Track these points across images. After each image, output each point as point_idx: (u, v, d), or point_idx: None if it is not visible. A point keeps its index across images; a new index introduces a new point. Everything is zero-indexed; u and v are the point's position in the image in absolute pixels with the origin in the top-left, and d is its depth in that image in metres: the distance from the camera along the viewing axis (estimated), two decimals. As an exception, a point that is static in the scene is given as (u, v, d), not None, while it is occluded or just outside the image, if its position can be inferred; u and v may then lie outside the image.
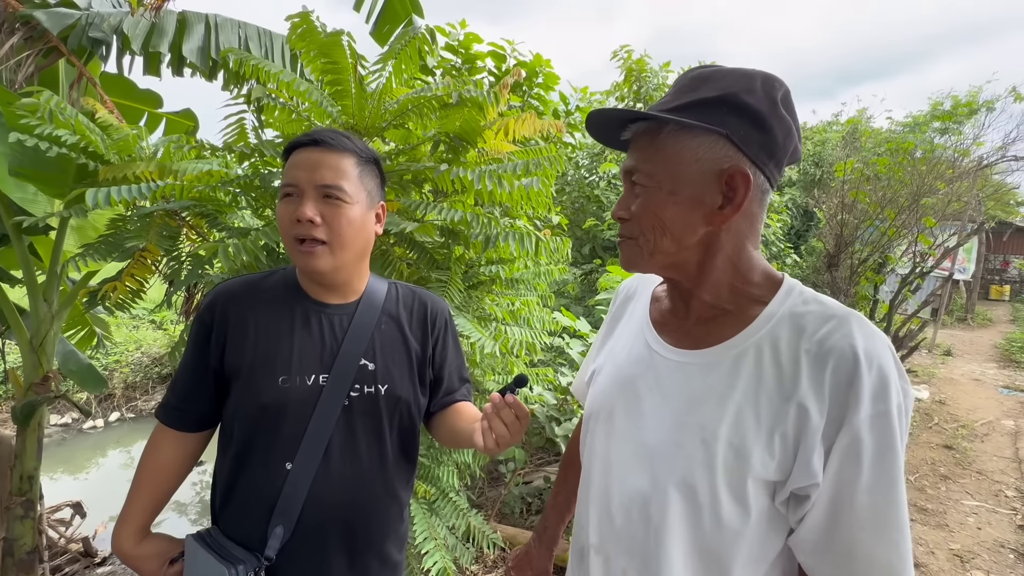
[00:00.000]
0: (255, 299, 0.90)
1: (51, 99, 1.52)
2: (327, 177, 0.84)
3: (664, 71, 6.26)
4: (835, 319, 0.61)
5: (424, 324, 0.99)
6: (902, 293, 4.42)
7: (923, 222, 4.17)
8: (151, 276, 1.80)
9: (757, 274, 0.68)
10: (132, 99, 2.76)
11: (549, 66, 3.87)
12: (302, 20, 1.32)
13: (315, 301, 0.92)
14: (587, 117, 0.69)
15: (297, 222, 0.82)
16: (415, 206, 1.60)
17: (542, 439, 2.41)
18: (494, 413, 0.76)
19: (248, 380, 0.86)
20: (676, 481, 0.64)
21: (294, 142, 0.88)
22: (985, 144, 5.40)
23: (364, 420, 0.89)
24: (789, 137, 0.64)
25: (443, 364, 1.01)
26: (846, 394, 0.57)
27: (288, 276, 0.94)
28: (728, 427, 0.62)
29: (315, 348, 0.88)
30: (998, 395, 5.78)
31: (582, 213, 5.55)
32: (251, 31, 2.49)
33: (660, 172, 0.64)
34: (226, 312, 0.89)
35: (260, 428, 0.86)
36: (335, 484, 0.86)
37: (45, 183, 1.89)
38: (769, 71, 0.67)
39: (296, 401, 0.85)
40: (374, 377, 0.90)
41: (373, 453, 0.90)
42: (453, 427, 0.97)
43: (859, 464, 0.57)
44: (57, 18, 2.04)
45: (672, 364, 0.70)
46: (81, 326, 2.83)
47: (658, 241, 0.66)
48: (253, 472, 0.86)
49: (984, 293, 14.43)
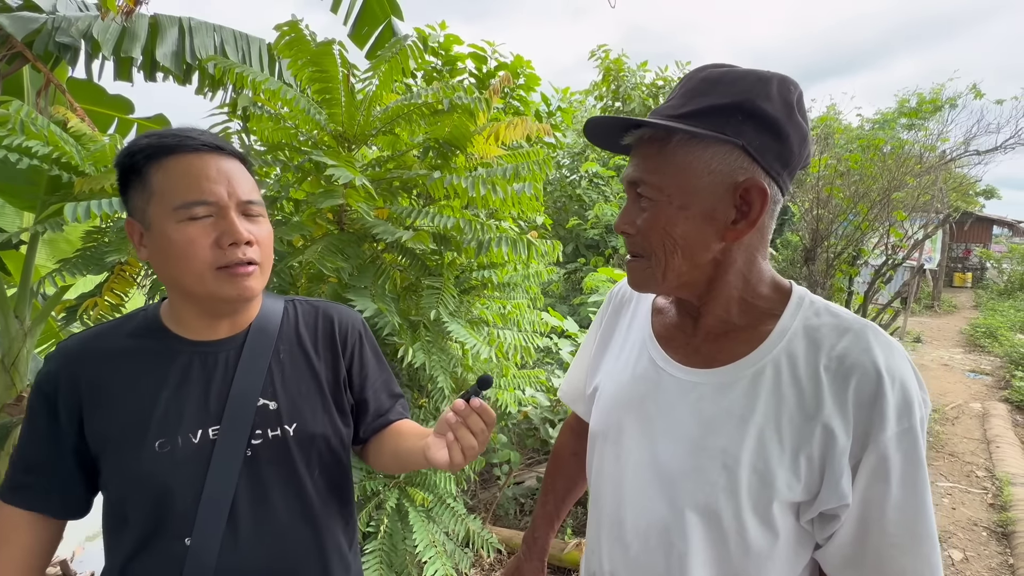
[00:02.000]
0: (108, 354, 0.74)
1: (21, 109, 1.45)
2: (246, 190, 0.72)
3: (642, 70, 6.34)
4: (851, 332, 0.59)
5: (332, 343, 0.85)
6: (875, 284, 4.58)
7: (894, 215, 4.32)
8: (131, 289, 1.75)
9: (766, 286, 0.66)
10: (102, 105, 2.67)
11: (530, 67, 3.88)
12: (291, 28, 1.29)
13: (192, 342, 0.76)
14: (586, 123, 0.65)
15: (230, 246, 0.69)
16: (404, 213, 1.59)
17: (537, 440, 2.42)
18: (459, 422, 0.66)
19: (117, 453, 0.71)
20: (698, 507, 0.62)
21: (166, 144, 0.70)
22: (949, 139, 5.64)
23: (273, 469, 0.75)
24: (804, 144, 0.61)
25: (364, 384, 0.87)
26: (870, 412, 0.56)
27: (150, 319, 0.78)
28: (750, 451, 0.59)
29: (197, 397, 0.73)
30: (965, 379, 6.03)
31: (564, 212, 5.59)
32: (227, 35, 2.43)
33: (670, 184, 0.60)
34: (74, 378, 0.72)
35: (142, 505, 0.71)
36: (249, 550, 0.73)
37: (14, 195, 1.82)
38: (782, 72, 0.61)
39: (182, 465, 0.71)
40: (278, 417, 0.76)
41: (292, 504, 0.77)
42: (396, 450, 0.84)
43: (887, 482, 0.55)
44: (21, 23, 1.95)
45: (683, 384, 0.66)
46: (54, 341, 2.73)
47: (670, 260, 0.62)
48: (145, 558, 0.72)
49: (948, 280, 15.02)
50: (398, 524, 1.76)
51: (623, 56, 6.27)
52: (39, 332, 2.15)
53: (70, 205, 1.30)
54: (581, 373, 0.89)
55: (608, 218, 4.90)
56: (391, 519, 1.73)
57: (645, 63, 6.39)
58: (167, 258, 0.70)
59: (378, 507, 1.76)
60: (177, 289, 0.74)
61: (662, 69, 6.35)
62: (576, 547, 2.29)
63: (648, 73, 6.40)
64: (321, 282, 1.63)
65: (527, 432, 2.48)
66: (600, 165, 5.58)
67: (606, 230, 5.02)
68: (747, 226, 0.60)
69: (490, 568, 2.41)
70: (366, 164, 1.73)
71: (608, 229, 5.01)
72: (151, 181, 0.70)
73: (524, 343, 1.86)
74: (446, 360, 1.70)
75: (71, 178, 1.62)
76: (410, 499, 1.78)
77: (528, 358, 1.88)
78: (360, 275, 1.56)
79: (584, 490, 0.97)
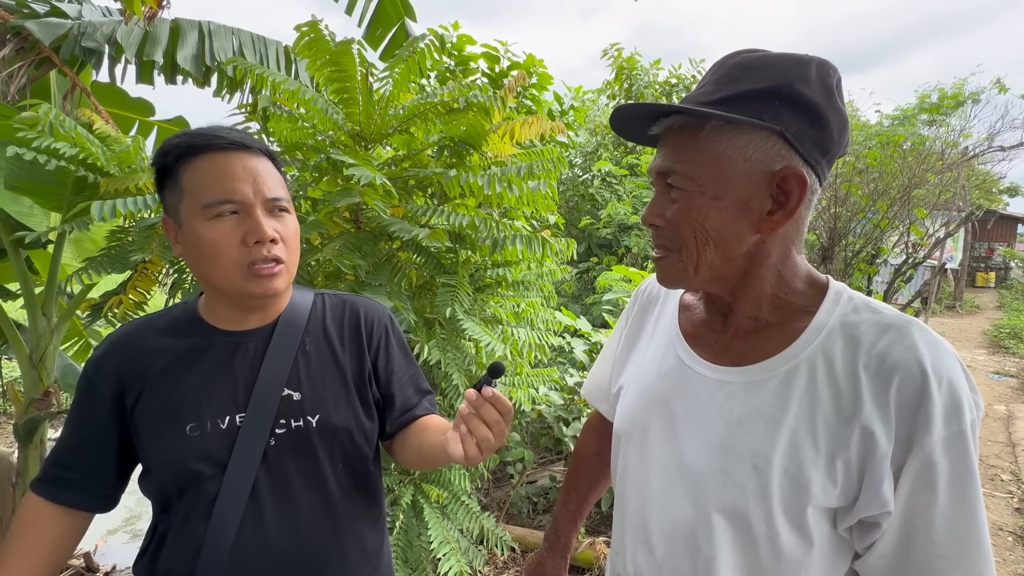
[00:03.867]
0: (149, 345, 0.78)
1: (50, 112, 1.50)
2: (273, 188, 0.74)
3: (655, 68, 6.30)
4: (893, 329, 0.56)
5: (358, 336, 0.86)
6: (895, 283, 4.49)
7: (914, 213, 4.23)
8: (154, 287, 1.78)
9: (800, 280, 0.62)
10: (124, 108, 2.73)
11: (543, 66, 3.88)
12: (311, 29, 1.31)
13: (224, 332, 0.79)
14: (614, 111, 0.61)
15: (256, 244, 0.71)
16: (420, 211, 1.60)
17: (550, 439, 2.42)
18: (472, 413, 0.64)
19: (155, 436, 0.74)
20: (725, 510, 0.59)
21: (195, 143, 0.72)
22: (972, 136, 5.50)
23: (296, 459, 0.77)
24: (844, 131, 0.58)
25: (390, 378, 0.87)
26: (914, 414, 0.52)
27: (188, 310, 0.81)
28: (782, 453, 0.56)
29: (227, 385, 0.76)
30: (989, 380, 5.88)
31: (577, 211, 5.58)
32: (244, 37, 2.47)
33: (703, 174, 0.57)
34: (118, 366, 0.76)
35: (173, 486, 0.74)
36: (266, 538, 0.74)
37: (42, 196, 1.86)
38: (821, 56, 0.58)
39: (210, 449, 0.73)
40: (301, 408, 0.77)
41: (313, 496, 0.77)
42: (420, 446, 0.83)
43: (934, 490, 0.52)
44: (49, 28, 2.01)
45: (710, 382, 0.63)
46: (78, 338, 2.80)
47: (702, 254, 0.59)
48: (173, 537, 0.75)
49: (971, 280, 14.68)
50: (413, 520, 1.77)
51: (636, 54, 6.24)
52: (65, 329, 2.21)
53: (96, 204, 1.34)
54: (605, 371, 0.87)
55: (621, 217, 4.88)
56: (406, 515, 1.75)
57: (658, 61, 6.35)
58: (198, 255, 0.72)
59: (393, 503, 1.78)
60: (208, 284, 0.77)
61: (675, 67, 6.31)
62: (590, 546, 2.28)
63: (661, 71, 6.37)
64: (338, 280, 1.65)
65: (541, 431, 2.48)
66: (613, 164, 5.56)
67: (619, 229, 5.00)
68: (784, 217, 0.57)
69: (503, 566, 2.41)
70: (382, 163, 1.75)
71: (621, 228, 4.99)
72: (181, 180, 0.72)
73: (538, 341, 1.86)
74: (460, 358, 1.71)
75: (96, 179, 1.67)
76: (425, 496, 1.79)
77: (543, 356, 1.88)
78: (376, 273, 1.58)
79: (606, 489, 0.96)
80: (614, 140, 6.22)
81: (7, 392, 2.14)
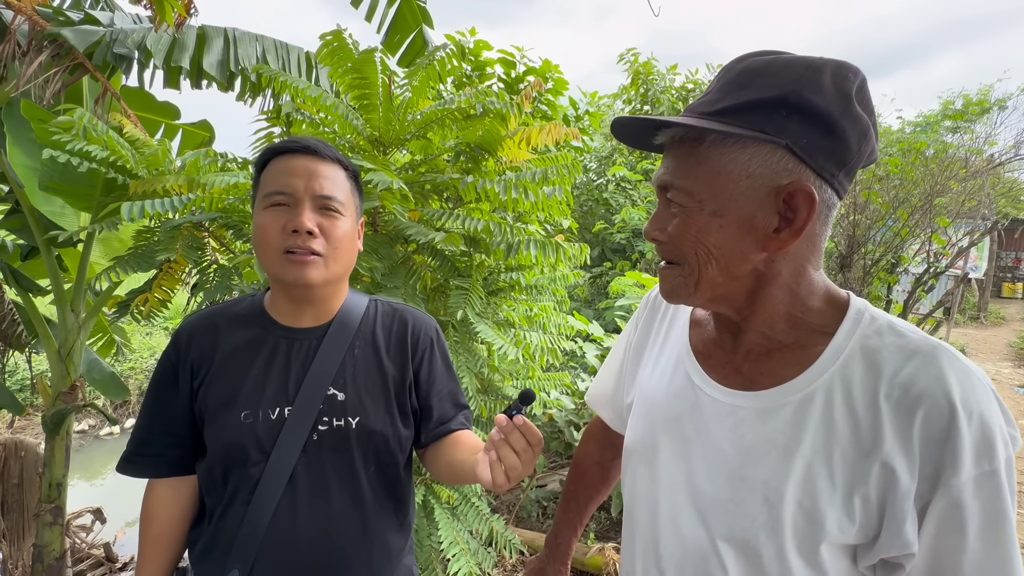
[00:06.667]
0: (218, 331, 0.83)
1: (84, 116, 1.56)
2: (325, 187, 0.78)
3: (671, 73, 6.27)
4: (919, 355, 0.51)
5: (404, 345, 0.89)
6: (916, 293, 4.40)
7: (936, 222, 4.15)
8: (178, 287, 1.84)
9: (818, 299, 0.58)
10: (151, 112, 2.81)
11: (558, 71, 3.90)
12: (335, 38, 1.35)
13: (283, 327, 0.84)
14: (612, 123, 0.60)
15: (292, 232, 0.76)
16: (435, 215, 1.63)
17: (561, 443, 2.43)
18: (502, 439, 0.64)
19: (213, 418, 0.80)
20: (734, 540, 0.56)
21: (278, 147, 0.81)
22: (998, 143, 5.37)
23: (334, 456, 0.80)
24: (866, 140, 0.53)
25: (430, 390, 0.90)
26: (940, 451, 0.48)
27: (256, 303, 0.87)
28: (796, 486, 0.53)
29: (281, 378, 0.81)
30: (1014, 394, 5.71)
31: (591, 216, 5.57)
32: (268, 44, 2.54)
33: (701, 189, 0.54)
34: (190, 348, 0.82)
35: (223, 467, 0.79)
36: (298, 526, 0.78)
37: (74, 197, 1.93)
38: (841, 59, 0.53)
39: (259, 437, 0.78)
40: (344, 408, 0.81)
41: (345, 493, 0.81)
42: (451, 461, 0.85)
43: (963, 534, 0.48)
44: (83, 35, 2.09)
45: (721, 406, 0.60)
46: (102, 334, 2.89)
47: (704, 271, 0.56)
48: (217, 514, 0.81)
49: (996, 291, 14.26)
50: (424, 520, 1.79)
51: (652, 59, 6.22)
52: (92, 325, 2.29)
53: (126, 205, 1.39)
54: (610, 378, 0.86)
55: (635, 222, 4.87)
56: (417, 515, 1.77)
57: (675, 66, 6.33)
58: (254, 241, 0.80)
59: (405, 503, 1.80)
60: (264, 272, 0.84)
61: (692, 72, 6.27)
62: (599, 551, 2.28)
63: (678, 76, 6.34)
64: (355, 281, 1.68)
65: (551, 435, 2.49)
66: (628, 169, 5.54)
67: (633, 234, 4.98)
68: (791, 235, 0.53)
69: (512, 569, 2.42)
70: (399, 168, 1.78)
71: (635, 233, 4.97)
72: (261, 177, 0.81)
73: (550, 345, 1.87)
74: (472, 361, 1.73)
75: (125, 180, 1.73)
76: (436, 496, 1.81)
77: (555, 360, 1.89)
78: (392, 275, 1.61)
79: (606, 497, 0.95)
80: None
81: (36, 385, 2.22)
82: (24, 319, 2.37)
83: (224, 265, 1.70)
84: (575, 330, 2.56)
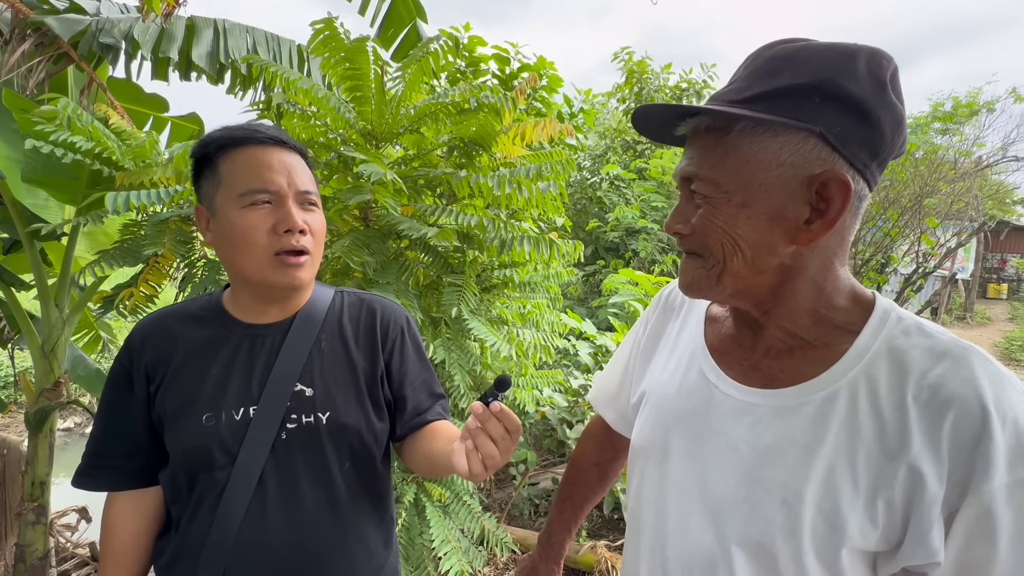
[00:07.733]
0: (174, 332, 0.80)
1: (68, 106, 1.52)
2: (304, 181, 0.77)
3: (665, 72, 6.29)
4: (949, 357, 0.50)
5: (373, 335, 0.85)
6: (905, 293, 4.45)
7: (925, 222, 4.20)
8: (165, 281, 1.80)
9: (843, 296, 0.56)
10: (139, 103, 2.76)
11: (553, 68, 3.89)
12: (326, 26, 1.33)
13: (244, 324, 0.80)
14: (635, 111, 0.57)
15: (285, 233, 0.73)
16: (428, 211, 1.61)
17: (554, 441, 2.42)
18: (479, 428, 0.61)
19: (173, 423, 0.76)
20: (749, 544, 0.54)
21: (234, 136, 0.75)
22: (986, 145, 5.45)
23: (304, 455, 0.77)
24: (899, 129, 0.51)
25: (403, 380, 0.87)
26: (971, 455, 0.46)
27: (213, 301, 0.83)
28: (816, 488, 0.51)
29: (244, 377, 0.77)
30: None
31: (584, 214, 5.58)
32: (259, 36, 2.50)
33: (729, 180, 0.52)
34: (144, 352, 0.78)
35: (187, 474, 0.76)
36: (270, 530, 0.75)
37: (58, 189, 1.89)
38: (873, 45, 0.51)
39: (223, 439, 0.74)
40: (312, 404, 0.78)
41: (319, 492, 0.78)
42: (428, 452, 0.82)
43: (993, 543, 0.46)
44: (68, 24, 2.04)
45: (737, 404, 0.58)
46: (88, 330, 2.84)
47: (729, 263, 0.54)
48: (184, 522, 0.77)
49: (982, 291, 14.51)
50: (415, 519, 1.78)
51: (647, 58, 6.24)
52: (76, 321, 2.24)
53: (110, 195, 1.36)
54: (615, 377, 0.84)
55: (628, 221, 4.87)
56: (408, 513, 1.75)
57: (669, 65, 6.34)
58: (229, 242, 0.75)
59: (396, 501, 1.78)
60: (236, 273, 0.79)
61: (686, 71, 6.29)
62: (591, 549, 2.28)
63: (672, 75, 6.35)
64: (346, 277, 1.66)
65: (544, 433, 2.48)
66: (621, 168, 5.55)
67: (626, 233, 4.99)
68: (823, 227, 0.51)
69: (503, 567, 2.41)
70: (392, 162, 1.76)
71: (629, 232, 4.98)
72: (220, 170, 0.75)
73: (543, 342, 1.86)
74: (465, 358, 1.72)
75: (111, 173, 1.69)
76: (427, 494, 1.80)
77: (547, 358, 1.88)
78: (384, 271, 1.59)
79: (602, 498, 0.94)
80: (623, 144, 6.21)
81: (19, 381, 2.17)
82: (7, 314, 2.32)
83: (212, 259, 1.67)
84: (568, 328, 2.55)
